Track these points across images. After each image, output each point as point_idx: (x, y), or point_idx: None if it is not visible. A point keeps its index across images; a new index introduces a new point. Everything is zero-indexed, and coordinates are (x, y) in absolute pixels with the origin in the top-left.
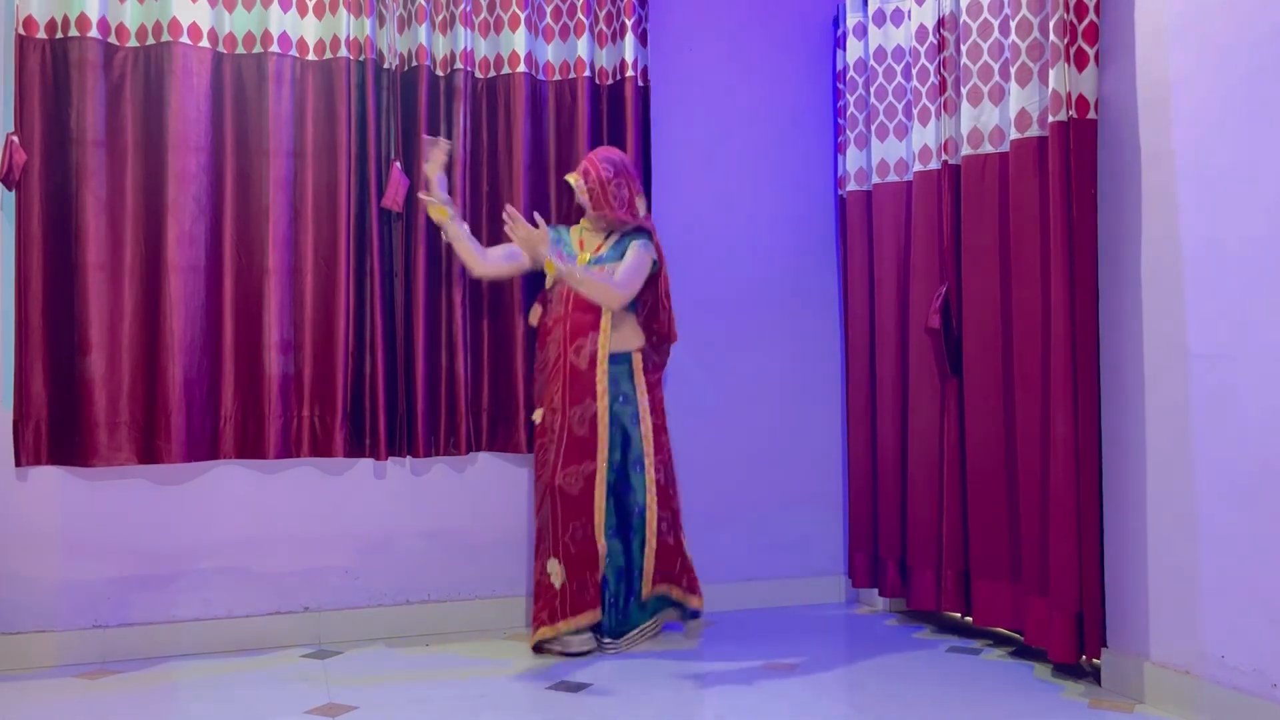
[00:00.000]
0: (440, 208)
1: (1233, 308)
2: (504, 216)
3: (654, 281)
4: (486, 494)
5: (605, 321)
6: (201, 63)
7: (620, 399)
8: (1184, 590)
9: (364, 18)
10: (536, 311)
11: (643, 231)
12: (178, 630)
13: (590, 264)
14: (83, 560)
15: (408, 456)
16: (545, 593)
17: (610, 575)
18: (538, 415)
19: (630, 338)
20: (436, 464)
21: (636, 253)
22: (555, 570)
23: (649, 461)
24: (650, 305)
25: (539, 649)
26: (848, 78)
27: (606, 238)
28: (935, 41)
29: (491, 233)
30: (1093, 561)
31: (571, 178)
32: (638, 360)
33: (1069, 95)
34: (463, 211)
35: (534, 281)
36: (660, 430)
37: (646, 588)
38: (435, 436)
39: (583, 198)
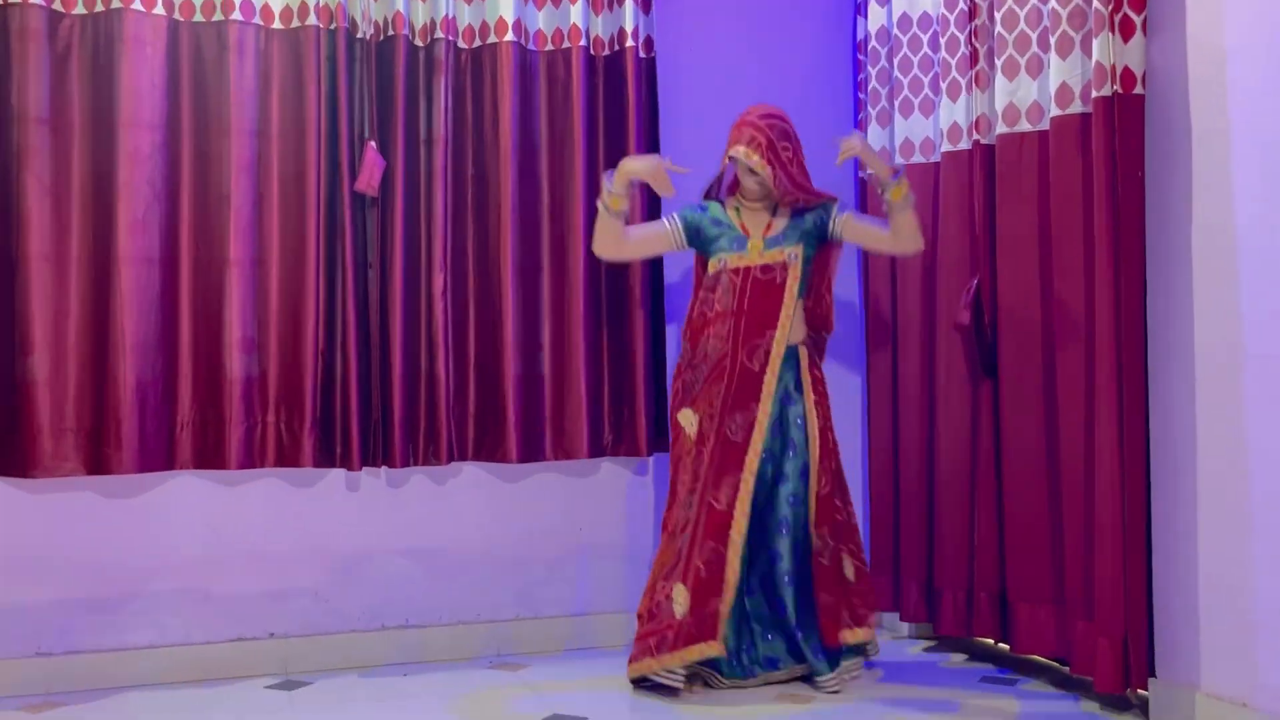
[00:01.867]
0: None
1: None
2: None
3: (828, 261)
4: (470, 508)
5: (785, 315)
6: (155, 31)
7: (786, 397)
8: (1239, 613)
9: None
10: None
11: (832, 202)
12: (130, 658)
13: (765, 249)
14: (25, 582)
15: (383, 466)
16: (661, 617)
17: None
18: (689, 420)
19: (798, 329)
20: (415, 475)
21: (858, 217)
22: (680, 599)
23: (813, 469)
24: (816, 290)
25: (640, 684)
26: (869, 47)
27: (774, 214)
28: (966, 8)
29: (477, 219)
30: (1139, 582)
31: (742, 152)
32: (804, 354)
33: (1113, 68)
34: (445, 196)
35: (527, 264)
36: (827, 430)
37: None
38: (413, 444)
39: (757, 176)
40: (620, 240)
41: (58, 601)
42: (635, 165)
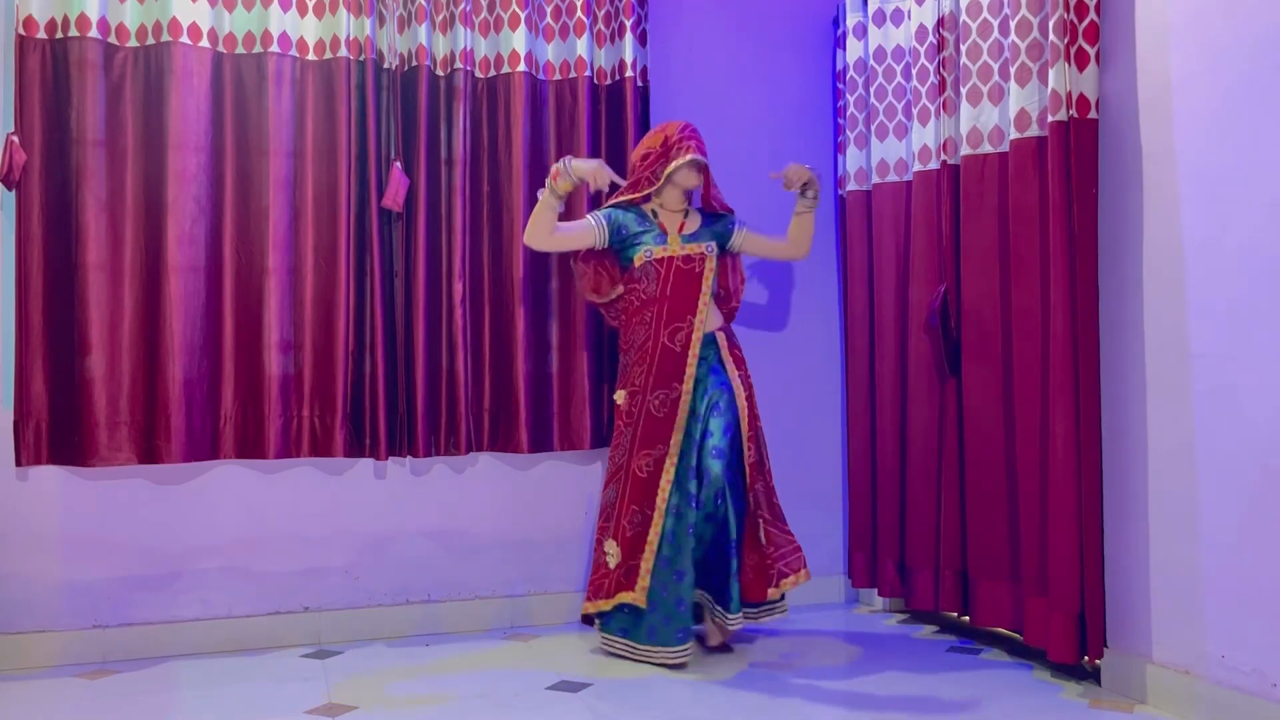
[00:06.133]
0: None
1: (1233, 307)
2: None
3: (736, 265)
4: (486, 493)
5: (703, 301)
6: (201, 63)
7: (713, 376)
8: (1185, 590)
9: (364, 17)
10: (618, 290)
11: (732, 215)
12: (178, 630)
13: (684, 242)
14: (83, 560)
15: (408, 456)
16: (599, 570)
17: (702, 554)
18: (620, 396)
19: (715, 318)
20: (436, 464)
21: (754, 231)
22: (612, 552)
23: (744, 435)
24: (725, 286)
25: (587, 619)
26: (848, 78)
27: (686, 217)
28: (935, 41)
29: (492, 232)
30: (1094, 562)
31: (694, 157)
32: (722, 338)
33: (1069, 95)
34: (463, 211)
35: (536, 274)
36: (751, 400)
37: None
38: (435, 436)
39: (698, 179)
40: (552, 232)
41: (113, 578)
42: (583, 166)
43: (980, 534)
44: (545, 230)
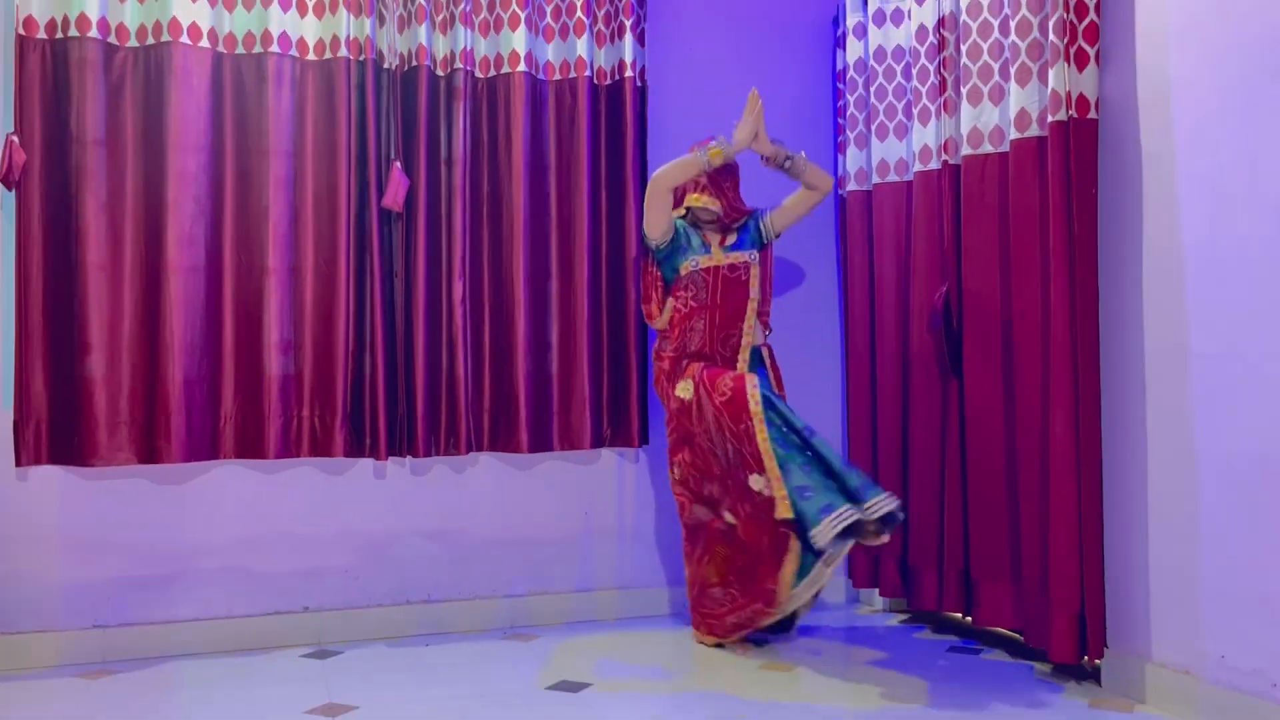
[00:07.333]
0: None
1: (1233, 307)
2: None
3: (768, 263)
4: (486, 493)
5: (750, 309)
6: (201, 63)
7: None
8: (1185, 590)
9: (364, 17)
10: (670, 306)
11: (755, 212)
12: (178, 630)
13: (727, 253)
14: (83, 560)
15: (408, 456)
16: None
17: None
18: (686, 388)
19: (759, 331)
20: (436, 464)
21: (776, 208)
22: (759, 483)
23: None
24: (763, 290)
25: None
26: (848, 78)
27: (725, 233)
28: (935, 41)
29: (492, 232)
30: (1094, 561)
31: (707, 202)
32: (766, 352)
33: (1069, 95)
34: (463, 211)
35: (536, 273)
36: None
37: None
38: (435, 436)
39: (712, 211)
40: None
41: (113, 578)
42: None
43: (982, 534)
44: (680, 181)
